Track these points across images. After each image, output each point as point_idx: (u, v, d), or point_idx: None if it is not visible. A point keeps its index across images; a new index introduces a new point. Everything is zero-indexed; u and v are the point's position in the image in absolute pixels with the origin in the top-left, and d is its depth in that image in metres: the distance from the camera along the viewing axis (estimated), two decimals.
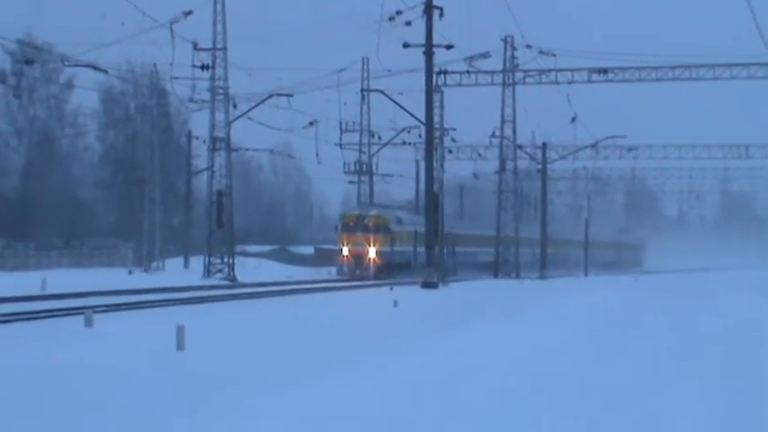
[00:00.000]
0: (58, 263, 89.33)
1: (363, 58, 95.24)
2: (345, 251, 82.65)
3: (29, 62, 73.24)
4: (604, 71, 79.86)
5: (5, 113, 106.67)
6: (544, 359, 24.65)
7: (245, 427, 15.43)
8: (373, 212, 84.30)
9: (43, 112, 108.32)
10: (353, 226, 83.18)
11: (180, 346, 24.47)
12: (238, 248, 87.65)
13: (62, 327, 31.65)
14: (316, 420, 16.08)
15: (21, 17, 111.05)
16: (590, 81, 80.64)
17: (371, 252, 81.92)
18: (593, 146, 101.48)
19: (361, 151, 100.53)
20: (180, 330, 24.68)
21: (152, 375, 20.39)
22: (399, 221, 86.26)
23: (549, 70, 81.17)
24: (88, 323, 31.25)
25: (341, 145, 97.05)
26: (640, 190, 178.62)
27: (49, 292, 50.30)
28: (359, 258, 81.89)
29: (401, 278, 74.75)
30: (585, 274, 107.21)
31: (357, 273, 79.79)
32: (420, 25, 63.71)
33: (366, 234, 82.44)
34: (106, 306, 39.41)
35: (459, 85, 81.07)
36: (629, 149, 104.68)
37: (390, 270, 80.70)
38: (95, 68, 61.37)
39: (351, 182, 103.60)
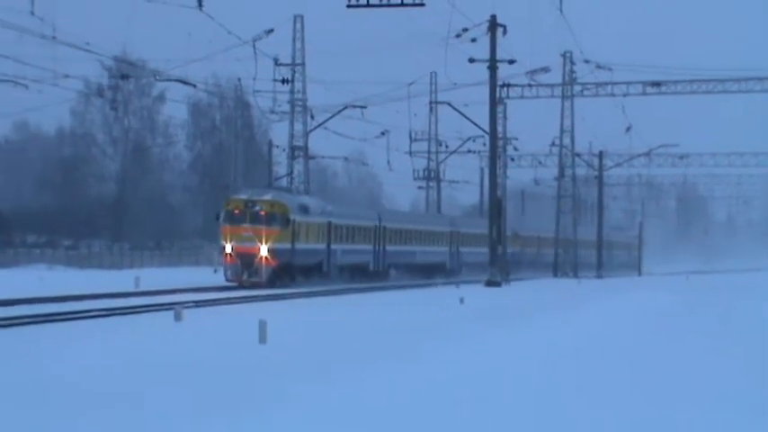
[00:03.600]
0: (150, 262, 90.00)
1: (432, 73, 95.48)
2: (228, 248, 56.96)
3: (124, 77, 73.88)
4: (658, 84, 79.25)
5: (103, 124, 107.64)
6: (612, 350, 24.57)
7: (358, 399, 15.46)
8: (267, 197, 58.60)
9: (137, 123, 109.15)
10: (239, 215, 57.45)
11: (262, 339, 24.54)
12: None
13: (154, 321, 31.85)
14: (414, 395, 16.16)
15: (116, 35, 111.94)
16: (644, 93, 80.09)
17: (263, 250, 56.43)
18: (647, 154, 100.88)
19: (429, 159, 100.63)
20: (262, 325, 24.76)
21: (239, 366, 20.43)
22: (304, 210, 60.51)
23: (606, 83, 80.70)
24: (178, 318, 31.42)
25: (410, 153, 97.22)
26: (691, 195, 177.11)
27: (141, 288, 50.67)
28: (246, 258, 56.49)
29: (308, 286, 56.62)
30: (639, 274, 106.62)
31: (244, 278, 56.10)
32: (485, 42, 63.70)
33: (256, 226, 56.95)
34: (194, 302, 39.61)
35: (521, 97, 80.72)
36: (681, 157, 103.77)
37: (291, 274, 59.14)
38: (185, 83, 61.68)
39: (420, 188, 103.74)
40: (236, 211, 57.50)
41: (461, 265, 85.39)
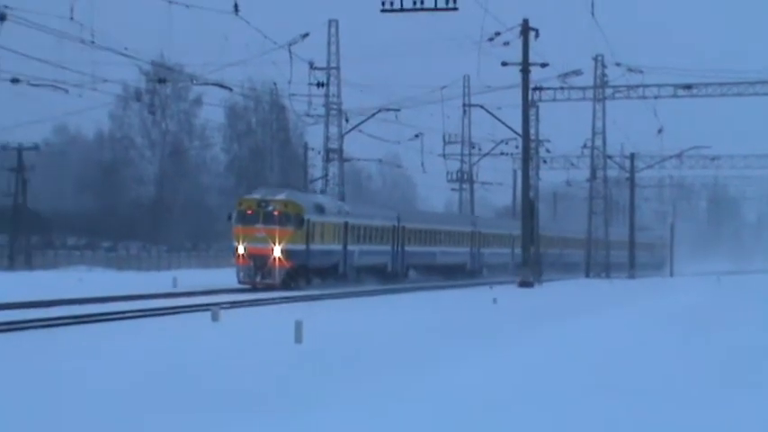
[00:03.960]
0: (187, 263, 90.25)
1: (465, 76, 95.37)
2: (241, 249, 54.63)
3: (162, 81, 74.15)
4: (689, 87, 78.98)
5: (141, 128, 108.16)
6: (646, 350, 24.50)
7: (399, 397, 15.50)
8: (280, 196, 56.03)
9: (174, 127, 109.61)
10: (252, 215, 55.09)
11: (298, 339, 24.60)
12: None
13: (192, 321, 31.97)
14: (453, 395, 16.20)
15: (154, 40, 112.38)
16: (675, 96, 79.82)
17: (276, 251, 53.97)
18: (679, 156, 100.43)
19: (462, 161, 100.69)
20: (298, 325, 24.83)
21: (276, 365, 20.50)
22: (319, 210, 57.86)
23: (637, 86, 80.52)
24: (215, 318, 31.54)
25: (444, 155, 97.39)
26: (722, 197, 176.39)
27: (179, 289, 50.87)
28: (259, 260, 54.10)
29: (324, 288, 54.81)
30: (671, 274, 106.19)
31: (257, 279, 53.84)
32: (517, 45, 63.64)
33: (270, 226, 54.51)
34: (231, 303, 39.76)
35: (554, 100, 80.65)
36: (712, 159, 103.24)
37: (306, 276, 56.79)
38: (221, 86, 61.82)
39: (453, 189, 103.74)
40: (249, 212, 55.16)
41: (482, 266, 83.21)
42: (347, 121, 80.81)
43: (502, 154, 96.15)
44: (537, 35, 64.02)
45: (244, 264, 54.42)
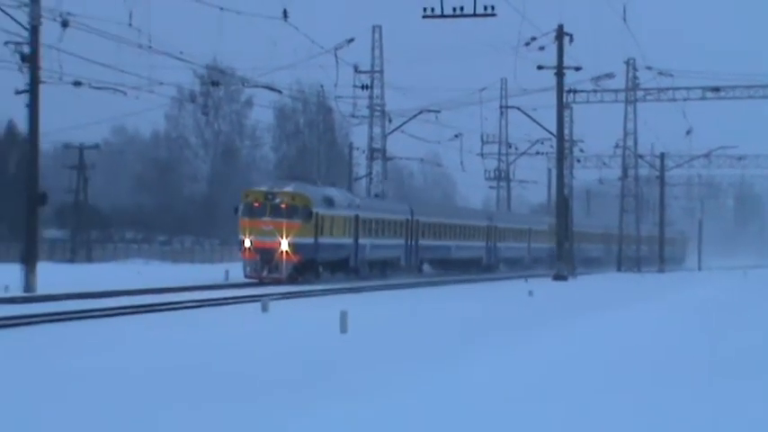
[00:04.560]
0: (239, 256, 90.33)
1: (502, 79, 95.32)
2: (247, 243, 51.07)
3: (215, 84, 74.21)
4: (717, 89, 78.39)
5: (195, 128, 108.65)
6: (681, 338, 24.43)
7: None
8: (288, 188, 52.33)
9: (226, 127, 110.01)
10: (259, 208, 51.40)
11: (343, 329, 24.64)
12: None
13: (243, 312, 32.11)
14: (497, 381, 16.19)
15: (208, 45, 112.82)
16: (703, 98, 79.24)
17: (284, 244, 50.32)
18: (707, 155, 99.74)
19: (499, 160, 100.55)
20: (343, 316, 24.86)
21: (324, 353, 20.56)
22: (328, 202, 54.06)
23: (667, 89, 79.99)
24: (264, 309, 31.65)
25: (482, 155, 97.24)
26: (748, 195, 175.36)
27: (230, 281, 51.13)
28: (266, 253, 50.53)
29: (336, 282, 52.26)
30: (699, 269, 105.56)
31: (264, 274, 50.39)
32: (552, 50, 63.48)
33: (277, 219, 50.81)
34: (281, 294, 39.91)
35: (587, 102, 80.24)
36: (739, 158, 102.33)
37: (315, 270, 53.03)
38: (271, 89, 61.89)
39: (491, 187, 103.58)
40: (256, 204, 51.43)
41: (499, 261, 79.63)
42: (390, 121, 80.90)
43: (537, 153, 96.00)
44: (571, 40, 63.99)
45: (250, 258, 50.89)
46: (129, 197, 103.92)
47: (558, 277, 62.55)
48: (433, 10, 45.83)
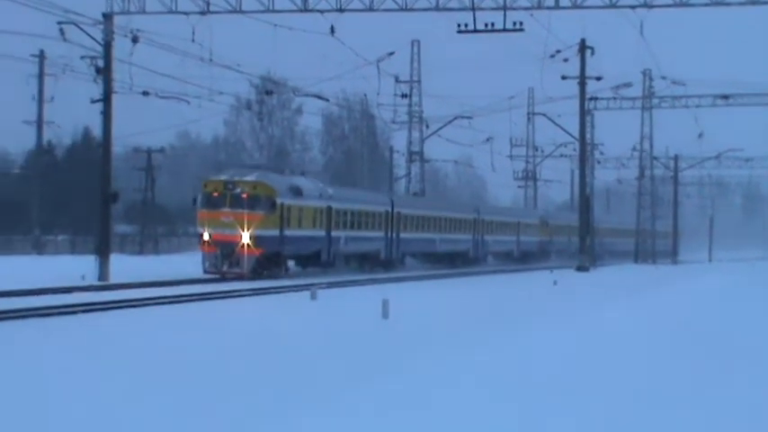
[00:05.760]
0: None
1: (529, 88, 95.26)
2: (206, 236, 43.80)
3: (269, 93, 74.66)
4: (726, 97, 77.78)
5: (251, 133, 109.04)
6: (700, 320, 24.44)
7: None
8: (249, 177, 45.11)
9: (279, 132, 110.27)
10: (218, 198, 44.28)
11: (385, 315, 24.76)
12: None
13: (294, 299, 32.28)
14: (528, 354, 16.26)
15: (263, 58, 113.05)
16: (714, 105, 78.74)
17: (244, 237, 43.13)
18: (717, 157, 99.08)
19: (527, 162, 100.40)
20: (385, 303, 24.99)
21: (369, 336, 20.69)
22: (296, 192, 46.67)
23: (680, 96, 79.43)
24: (313, 297, 31.79)
25: (511, 157, 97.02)
26: (755, 194, 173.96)
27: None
28: (226, 247, 43.29)
29: (306, 277, 45.07)
30: (710, 260, 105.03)
31: (224, 269, 43.16)
32: (575, 62, 63.39)
33: (237, 210, 43.68)
34: (327, 283, 40.03)
35: (607, 108, 79.85)
36: (747, 160, 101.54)
37: (283, 264, 46.36)
38: (319, 97, 61.98)
39: (519, 186, 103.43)
40: (215, 194, 44.27)
41: (486, 254, 72.80)
42: (427, 127, 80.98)
43: (561, 156, 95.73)
44: (593, 52, 64.00)
45: (209, 251, 43.69)
46: (191, 195, 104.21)
47: (581, 268, 62.59)
48: (466, 25, 45.80)
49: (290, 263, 48.17)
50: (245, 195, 43.84)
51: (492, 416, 12.13)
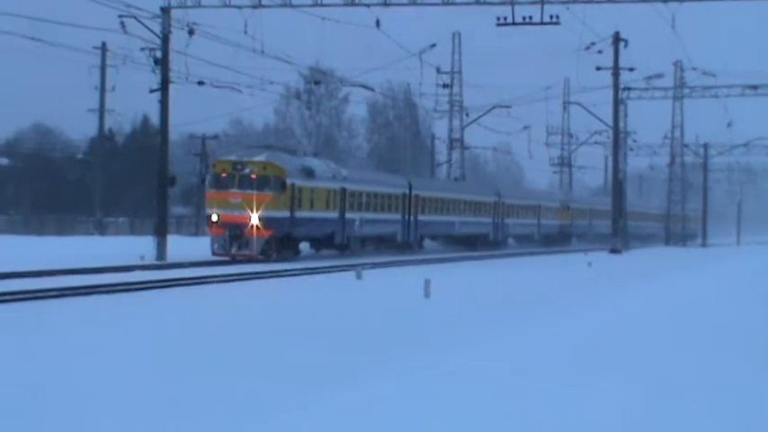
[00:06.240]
0: None
1: (565, 79, 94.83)
2: (214, 217, 41.20)
3: (317, 83, 74.83)
4: (755, 87, 76.98)
5: (300, 121, 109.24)
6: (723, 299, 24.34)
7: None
8: (259, 158, 42.10)
9: (326, 120, 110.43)
10: (227, 179, 41.51)
11: (426, 294, 24.81)
12: None
13: (341, 279, 32.37)
14: (566, 330, 16.31)
15: (311, 49, 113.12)
16: (743, 95, 77.99)
17: (253, 218, 40.38)
18: (745, 145, 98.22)
19: (562, 149, 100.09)
20: (427, 283, 25.04)
21: (410, 313, 20.78)
22: (308, 173, 43.83)
23: (710, 87, 78.77)
24: (359, 277, 31.89)
25: (547, 144, 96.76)
26: None
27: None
28: (235, 228, 40.49)
29: (320, 260, 43.10)
30: (738, 243, 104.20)
31: (233, 251, 40.46)
32: (609, 53, 63.02)
33: (246, 191, 40.88)
34: (372, 264, 40.12)
35: (639, 98, 79.30)
36: None
37: (294, 246, 43.74)
38: (365, 87, 62.03)
39: (554, 172, 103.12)
40: (224, 175, 41.49)
41: (507, 237, 70.11)
42: (467, 115, 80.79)
43: (596, 143, 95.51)
44: (626, 44, 63.59)
45: (218, 233, 40.94)
46: None
47: (614, 251, 62.37)
48: (505, 19, 45.71)
49: (305, 245, 45.98)
50: (254, 176, 41.11)
51: (552, 388, 12.17)
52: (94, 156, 75.98)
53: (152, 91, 44.63)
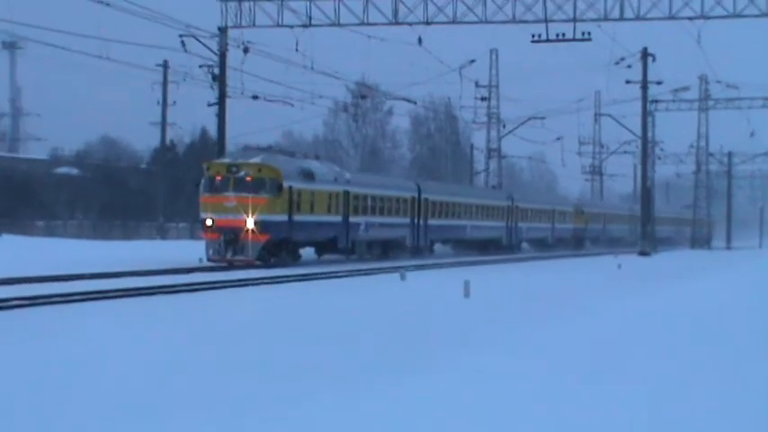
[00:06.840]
0: None
1: (596, 92, 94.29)
2: (209, 221, 37.07)
3: (363, 97, 74.75)
4: None
5: (347, 133, 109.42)
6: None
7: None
8: (254, 159, 37.89)
9: (371, 132, 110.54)
10: (221, 182, 37.34)
11: (466, 294, 24.71)
12: None
13: (386, 281, 32.30)
14: (598, 326, 16.19)
15: (358, 66, 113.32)
16: (765, 106, 77.35)
17: (249, 222, 36.53)
18: (767, 153, 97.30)
19: (593, 158, 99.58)
20: (466, 284, 24.93)
21: (450, 312, 20.69)
22: (307, 176, 39.89)
23: (734, 99, 78.23)
24: (403, 278, 31.82)
25: (579, 153, 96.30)
26: None
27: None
28: (230, 233, 36.62)
29: (322, 265, 39.29)
30: (760, 246, 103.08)
31: (228, 256, 36.58)
32: (638, 68, 62.69)
33: (241, 194, 36.96)
34: (415, 266, 40.06)
35: (667, 110, 78.86)
36: None
37: (293, 251, 39.79)
38: (407, 100, 62.12)
39: (586, 180, 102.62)
40: (218, 178, 37.29)
41: (520, 241, 65.82)
42: (504, 126, 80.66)
43: (625, 152, 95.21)
44: (654, 59, 63.21)
45: (212, 238, 36.94)
46: None
47: (643, 253, 61.98)
48: (540, 36, 45.57)
49: (308, 249, 42.63)
50: (249, 178, 37.09)
51: (598, 380, 12.04)
52: (157, 165, 76.59)
53: (210, 105, 44.96)
